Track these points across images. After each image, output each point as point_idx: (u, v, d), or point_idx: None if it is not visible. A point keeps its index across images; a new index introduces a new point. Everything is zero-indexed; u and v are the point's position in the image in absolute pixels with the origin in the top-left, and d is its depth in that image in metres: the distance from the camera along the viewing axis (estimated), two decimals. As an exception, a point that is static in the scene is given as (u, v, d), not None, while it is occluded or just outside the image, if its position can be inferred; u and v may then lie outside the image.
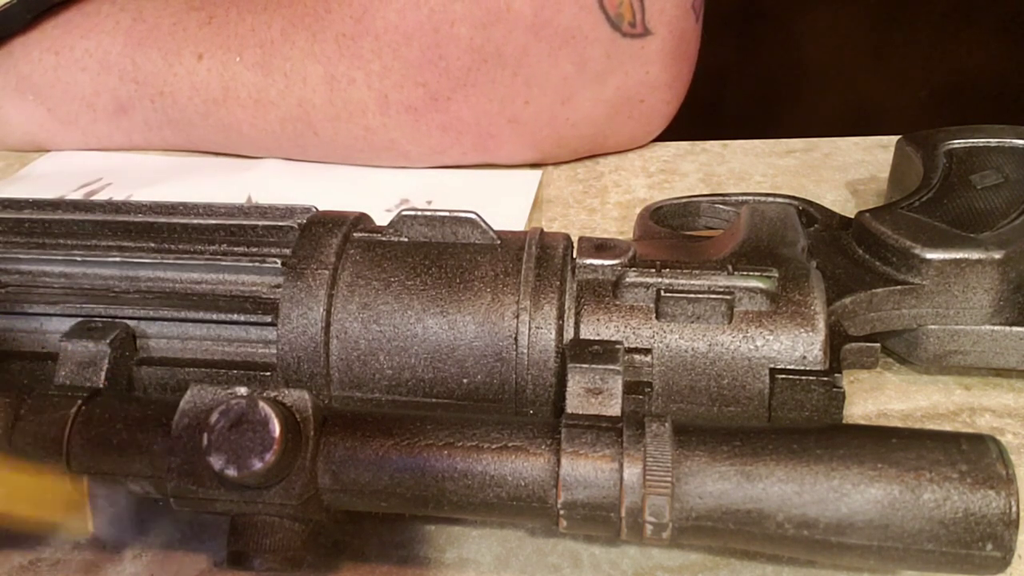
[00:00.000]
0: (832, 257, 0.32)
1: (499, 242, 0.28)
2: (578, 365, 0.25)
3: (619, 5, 0.44)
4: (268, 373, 0.27)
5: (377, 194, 0.46)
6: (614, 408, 0.24)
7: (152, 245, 0.29)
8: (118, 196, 0.47)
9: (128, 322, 0.28)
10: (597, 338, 0.26)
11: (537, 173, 0.48)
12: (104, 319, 0.28)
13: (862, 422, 0.31)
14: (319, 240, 0.28)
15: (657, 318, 0.26)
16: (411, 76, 0.45)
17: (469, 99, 0.45)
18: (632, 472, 0.22)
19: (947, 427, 0.30)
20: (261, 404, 0.22)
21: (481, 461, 0.22)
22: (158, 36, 0.49)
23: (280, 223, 0.29)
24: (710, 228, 0.38)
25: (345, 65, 0.45)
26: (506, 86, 0.45)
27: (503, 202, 0.45)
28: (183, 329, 0.28)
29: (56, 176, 0.50)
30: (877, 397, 0.32)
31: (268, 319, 0.27)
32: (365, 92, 0.45)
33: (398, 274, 0.27)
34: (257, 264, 0.28)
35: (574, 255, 0.28)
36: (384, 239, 0.29)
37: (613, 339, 0.26)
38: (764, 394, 0.26)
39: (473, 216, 0.28)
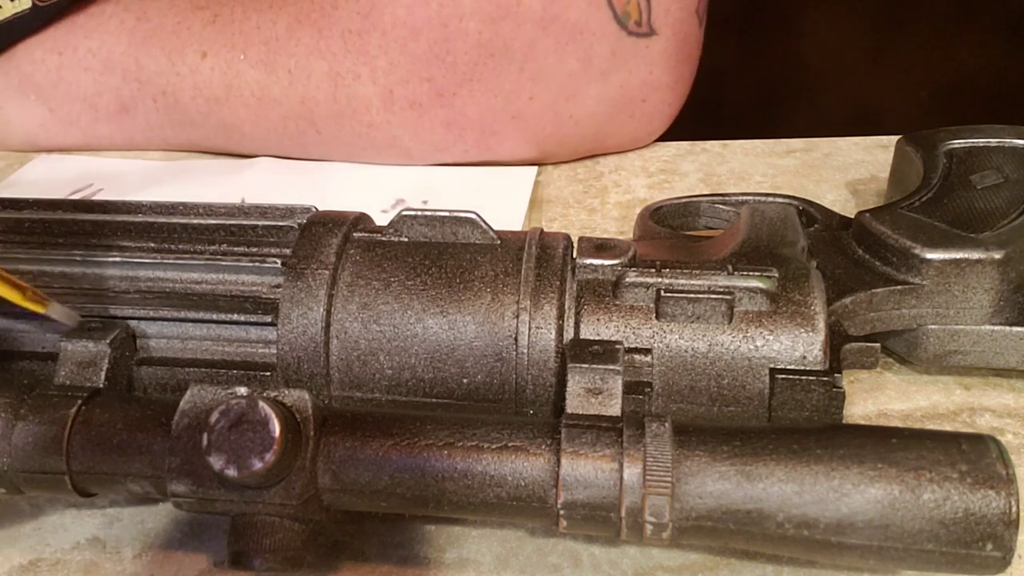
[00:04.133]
0: (832, 257, 0.32)
1: (499, 242, 0.28)
2: (578, 365, 0.25)
3: (626, 3, 0.44)
4: (268, 373, 0.27)
5: (373, 194, 0.46)
6: (614, 408, 0.24)
7: (152, 245, 0.29)
8: (110, 201, 0.47)
9: (128, 322, 0.28)
10: (597, 338, 0.26)
11: (532, 170, 0.48)
12: (104, 319, 0.28)
13: (862, 422, 0.31)
14: (319, 240, 0.28)
15: (657, 318, 0.26)
16: (417, 71, 0.45)
17: (474, 94, 0.45)
18: (632, 472, 0.22)
19: (947, 427, 0.30)
20: (261, 404, 0.22)
21: (481, 461, 0.22)
22: (162, 35, 0.49)
23: (280, 223, 0.29)
24: (710, 228, 0.38)
25: (351, 61, 0.45)
26: (512, 81, 0.45)
27: (500, 200, 0.45)
28: (183, 329, 0.28)
29: (46, 182, 0.49)
30: (877, 397, 0.32)
31: (268, 319, 0.27)
32: (370, 88, 0.45)
33: (398, 274, 0.27)
34: (257, 264, 0.28)
35: (574, 255, 0.28)
36: (384, 239, 0.29)
37: (613, 339, 0.26)
38: (764, 394, 0.26)
39: (473, 216, 0.28)
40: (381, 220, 0.31)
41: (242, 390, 0.23)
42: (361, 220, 0.30)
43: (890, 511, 0.21)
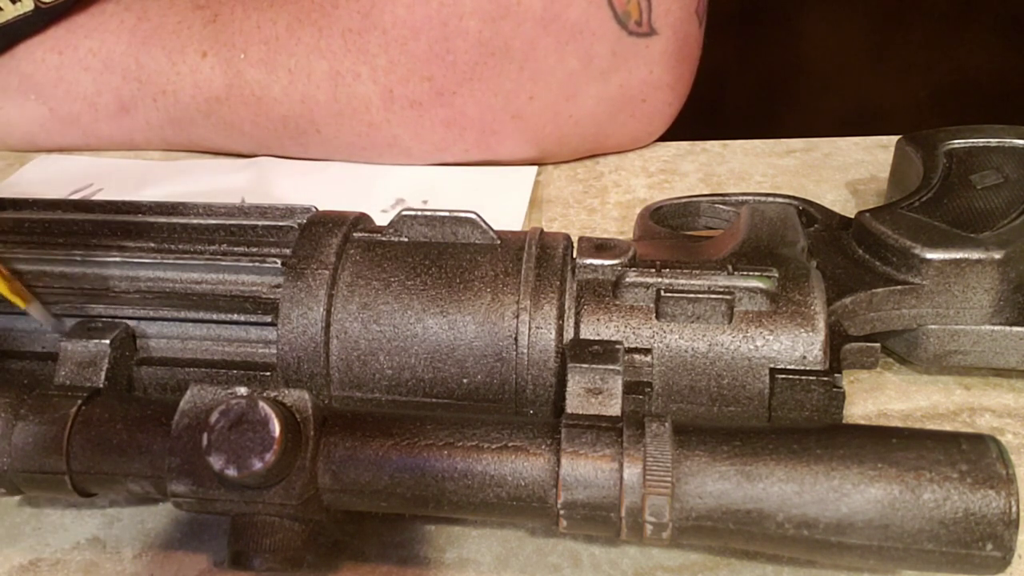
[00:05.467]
0: (832, 257, 0.32)
1: (499, 242, 0.28)
2: (578, 365, 0.25)
3: (627, 3, 0.44)
4: (268, 373, 0.27)
5: (373, 194, 0.46)
6: (614, 408, 0.24)
7: (152, 245, 0.29)
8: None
9: (128, 322, 0.28)
10: (597, 338, 0.26)
11: (532, 169, 0.48)
12: (104, 319, 0.28)
13: (862, 422, 0.31)
14: (319, 240, 0.28)
15: (657, 318, 0.26)
16: (417, 70, 0.45)
17: (474, 94, 0.45)
18: (632, 472, 0.22)
19: (947, 427, 0.30)
20: (261, 404, 0.22)
21: (481, 461, 0.22)
22: (162, 35, 0.49)
23: (280, 223, 0.29)
24: (710, 228, 0.38)
25: (351, 60, 0.45)
26: (512, 81, 0.45)
27: (500, 200, 0.45)
28: (183, 329, 0.28)
29: (46, 182, 0.49)
30: (877, 397, 0.32)
31: (268, 319, 0.27)
32: (370, 87, 0.45)
33: (398, 274, 0.27)
34: (257, 264, 0.28)
35: (574, 255, 0.28)
36: (384, 239, 0.29)
37: (613, 339, 0.26)
38: (764, 394, 0.26)
39: (473, 216, 0.28)
40: (381, 220, 0.31)
41: (242, 390, 0.23)
42: (361, 220, 0.30)
43: (890, 511, 0.21)
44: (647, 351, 0.26)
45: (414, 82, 0.45)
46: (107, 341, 0.27)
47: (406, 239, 0.29)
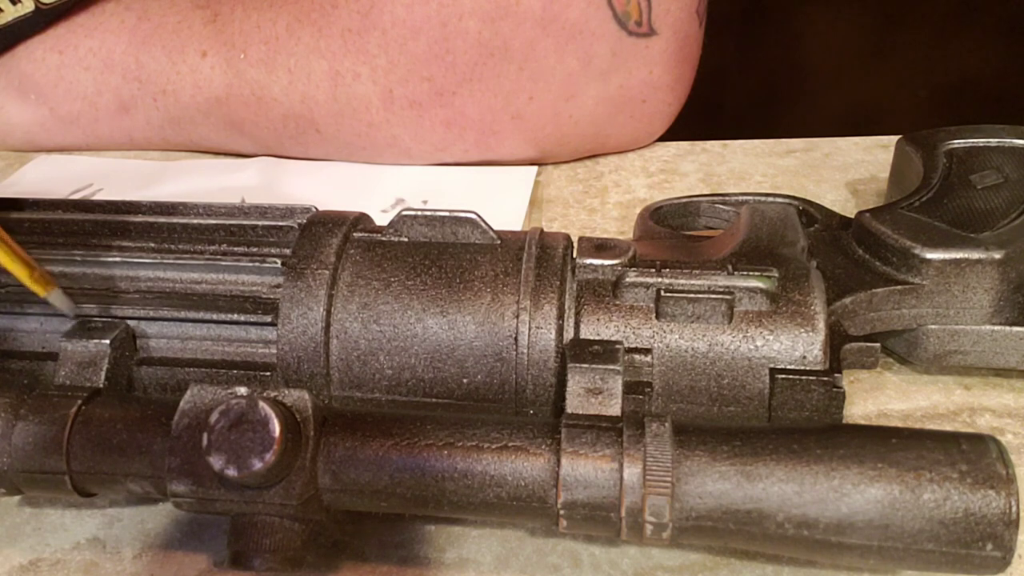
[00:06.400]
0: (832, 257, 0.32)
1: (499, 242, 0.28)
2: (578, 365, 0.25)
3: (626, 3, 0.44)
4: (268, 373, 0.27)
5: (373, 194, 0.46)
6: (614, 408, 0.24)
7: (152, 245, 0.29)
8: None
9: (128, 322, 0.28)
10: (597, 338, 0.26)
11: (532, 169, 0.48)
12: (104, 319, 0.28)
13: (862, 422, 0.31)
14: (319, 240, 0.28)
15: (657, 318, 0.26)
16: (417, 71, 0.45)
17: (474, 94, 0.45)
18: (632, 472, 0.22)
19: (947, 427, 0.30)
20: (261, 404, 0.22)
21: (481, 461, 0.22)
22: (162, 34, 0.49)
23: (280, 223, 0.29)
24: (710, 228, 0.38)
25: (350, 60, 0.45)
26: (511, 81, 0.45)
27: (500, 200, 0.45)
28: (183, 329, 0.28)
29: (46, 182, 0.49)
30: (877, 397, 0.32)
31: (268, 319, 0.27)
32: (370, 87, 0.45)
33: (398, 274, 0.27)
34: (257, 264, 0.28)
35: (574, 255, 0.28)
36: (384, 239, 0.29)
37: (613, 339, 0.26)
38: (764, 394, 0.26)
39: (473, 216, 0.28)
40: (381, 220, 0.31)
41: (242, 390, 0.23)
42: (361, 220, 0.30)
43: (890, 511, 0.21)
44: (647, 351, 0.26)
45: (414, 82, 0.45)
46: (107, 341, 0.27)
47: (406, 239, 0.29)
